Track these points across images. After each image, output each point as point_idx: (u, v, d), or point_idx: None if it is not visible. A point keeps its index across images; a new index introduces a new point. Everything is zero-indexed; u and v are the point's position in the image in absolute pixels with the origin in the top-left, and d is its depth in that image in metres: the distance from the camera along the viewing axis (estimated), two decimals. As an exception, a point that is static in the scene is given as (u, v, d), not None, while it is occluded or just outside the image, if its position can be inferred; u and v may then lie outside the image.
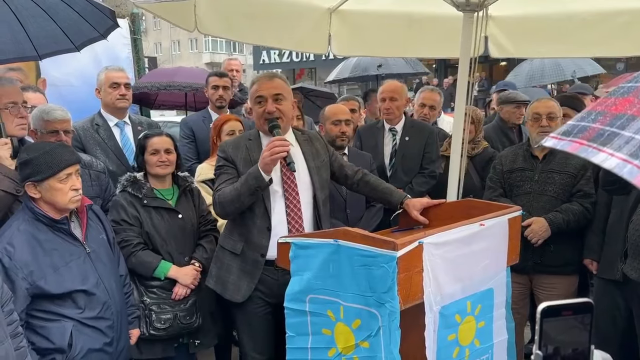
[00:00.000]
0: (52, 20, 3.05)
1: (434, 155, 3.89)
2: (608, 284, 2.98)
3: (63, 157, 2.34)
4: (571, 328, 1.05)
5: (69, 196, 2.34)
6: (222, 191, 2.52)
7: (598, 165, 0.96)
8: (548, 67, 7.46)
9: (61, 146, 2.44)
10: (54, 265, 2.30)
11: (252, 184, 2.43)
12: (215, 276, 2.72)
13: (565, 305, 1.04)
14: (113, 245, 2.65)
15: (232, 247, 2.65)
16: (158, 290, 2.84)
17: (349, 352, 2.07)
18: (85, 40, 3.25)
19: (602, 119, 1.02)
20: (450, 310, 2.09)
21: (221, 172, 2.62)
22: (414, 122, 4.14)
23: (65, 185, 2.33)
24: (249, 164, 2.57)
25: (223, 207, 2.53)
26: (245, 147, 2.65)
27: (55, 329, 2.31)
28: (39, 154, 2.31)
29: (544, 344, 1.04)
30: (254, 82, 2.71)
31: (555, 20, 3.78)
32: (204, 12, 3.36)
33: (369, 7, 4.06)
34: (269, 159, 2.38)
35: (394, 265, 1.88)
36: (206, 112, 4.19)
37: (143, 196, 2.87)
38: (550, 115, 3.23)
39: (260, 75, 2.79)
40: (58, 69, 4.79)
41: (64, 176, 2.33)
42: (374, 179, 2.82)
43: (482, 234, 2.21)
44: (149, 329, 2.77)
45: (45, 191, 2.32)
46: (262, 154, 2.41)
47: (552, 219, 3.11)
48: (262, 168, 2.40)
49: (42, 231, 2.33)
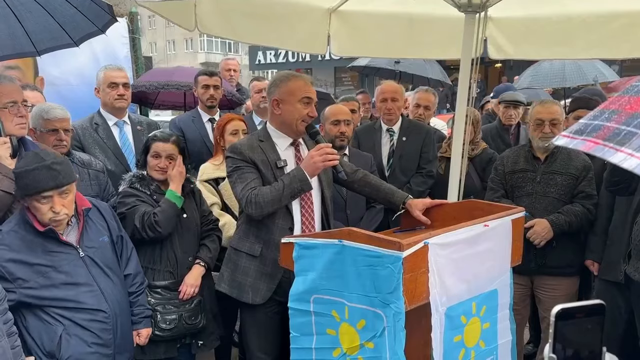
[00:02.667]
0: (49, 15, 3.03)
1: (431, 155, 3.92)
2: (609, 286, 2.99)
3: (40, 182, 2.23)
4: (584, 330, 1.05)
5: (47, 216, 2.29)
6: (261, 191, 2.48)
7: (616, 165, 0.94)
8: (569, 70, 7.29)
9: (45, 168, 2.25)
10: (43, 270, 2.28)
11: (297, 186, 2.44)
12: (229, 280, 2.68)
13: (579, 307, 1.04)
14: (118, 246, 2.60)
15: (250, 249, 2.62)
16: (163, 290, 2.82)
17: (354, 353, 2.07)
18: (84, 35, 3.22)
19: (617, 118, 1.01)
20: (456, 312, 2.09)
21: (243, 172, 2.55)
22: (411, 122, 4.16)
23: (44, 206, 2.28)
24: (267, 165, 2.56)
25: (261, 207, 2.47)
26: (260, 148, 2.61)
27: (45, 333, 2.29)
28: (22, 171, 2.25)
29: (558, 347, 1.03)
30: (292, 77, 2.63)
31: (555, 22, 3.78)
32: (204, 12, 3.35)
33: (369, 7, 4.05)
34: (321, 164, 2.43)
35: (399, 265, 1.87)
36: (196, 112, 4.14)
37: (152, 192, 2.86)
38: (553, 121, 3.22)
39: (297, 74, 2.72)
40: (56, 67, 4.77)
41: (41, 198, 2.27)
42: (374, 179, 2.81)
43: (487, 235, 2.20)
44: (154, 329, 2.75)
45: (29, 206, 2.31)
46: (313, 158, 2.44)
47: (555, 220, 3.11)
48: (310, 172, 2.43)
49: (34, 234, 2.31)
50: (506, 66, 19.23)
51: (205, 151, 3.82)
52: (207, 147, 3.87)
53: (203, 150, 3.85)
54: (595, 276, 3.19)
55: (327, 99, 5.69)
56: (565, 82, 7.35)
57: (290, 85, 2.59)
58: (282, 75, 2.69)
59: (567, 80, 7.31)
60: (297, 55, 23.72)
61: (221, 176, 3.28)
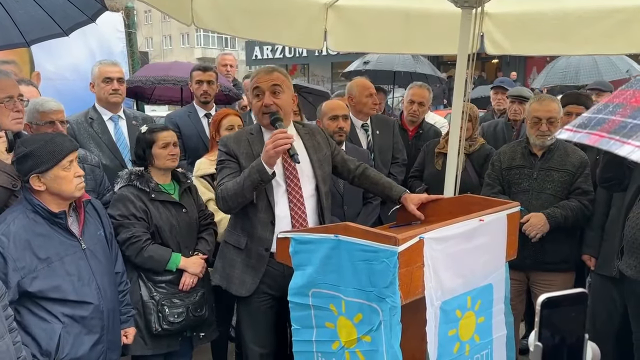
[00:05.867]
0: (37, 5, 2.98)
1: (400, 145, 4.10)
2: (605, 280, 3.01)
3: (64, 144, 2.32)
4: (568, 318, 1.08)
5: (74, 183, 2.33)
6: (225, 186, 2.51)
7: (624, 157, 0.94)
8: (601, 64, 7.27)
9: (59, 135, 2.44)
10: (48, 259, 2.27)
11: (256, 177, 2.41)
12: (220, 271, 2.72)
13: (564, 296, 1.07)
14: (110, 242, 2.62)
15: (236, 241, 2.65)
16: (167, 285, 2.84)
17: (352, 346, 2.08)
18: (74, 24, 3.17)
19: (622, 111, 1.01)
20: (451, 306, 2.10)
21: (223, 167, 2.61)
22: (378, 116, 4.32)
23: (70, 173, 2.32)
24: (251, 158, 2.54)
25: (226, 202, 2.51)
26: (247, 141, 2.63)
27: (43, 331, 2.27)
28: (40, 145, 2.28)
29: (543, 336, 1.06)
30: (253, 75, 2.69)
31: (551, 18, 3.78)
32: (200, 6, 3.34)
33: (366, 2, 4.05)
34: (272, 152, 2.36)
35: (395, 260, 1.88)
36: (192, 107, 4.13)
37: (151, 190, 2.86)
38: (550, 119, 3.21)
39: (260, 68, 2.76)
40: (52, 62, 4.75)
41: (67, 164, 2.31)
42: (374, 173, 2.81)
43: (482, 230, 2.21)
44: (163, 324, 2.77)
45: (51, 182, 2.29)
46: (265, 147, 2.39)
47: (551, 213, 3.12)
48: (265, 161, 2.39)
49: (39, 224, 2.30)
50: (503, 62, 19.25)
51: (201, 147, 3.82)
52: (203, 143, 3.87)
53: (199, 146, 3.85)
54: (591, 271, 3.21)
55: (324, 97, 5.66)
56: (600, 75, 7.24)
57: (247, 82, 2.63)
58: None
59: (602, 74, 7.21)
60: (294, 50, 23.69)
61: (217, 171, 3.28)
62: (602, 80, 6.57)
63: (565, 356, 1.06)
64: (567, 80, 7.56)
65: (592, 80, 6.99)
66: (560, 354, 1.06)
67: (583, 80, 7.32)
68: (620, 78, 7.09)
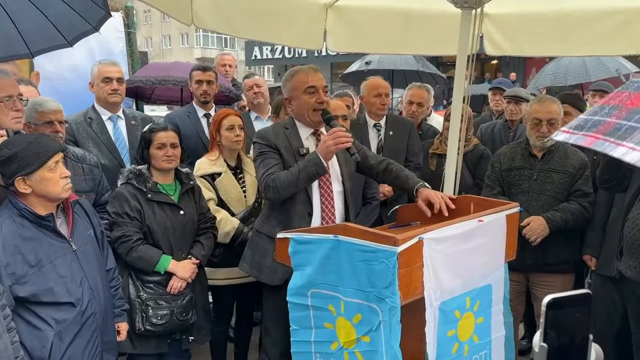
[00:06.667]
0: (42, 14, 2.97)
1: (417, 148, 4.02)
2: (605, 281, 3.01)
3: (49, 145, 2.27)
4: (573, 319, 1.09)
5: (61, 184, 2.28)
6: (277, 175, 2.58)
7: (618, 159, 0.94)
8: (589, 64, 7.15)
9: (43, 135, 2.41)
10: (39, 264, 2.22)
11: (312, 170, 2.51)
12: (250, 260, 2.79)
13: (568, 297, 1.08)
14: (101, 241, 2.58)
15: (269, 231, 2.69)
16: (155, 285, 2.82)
17: (351, 346, 2.09)
18: (78, 34, 3.16)
19: (618, 113, 1.01)
20: (450, 306, 2.10)
21: (266, 157, 2.67)
22: (395, 116, 4.31)
23: (56, 174, 2.26)
24: (289, 151, 2.66)
25: (277, 191, 2.57)
26: (285, 135, 2.71)
27: (35, 338, 2.21)
28: (24, 146, 2.22)
29: (549, 336, 1.06)
30: (295, 73, 2.76)
31: (551, 19, 3.78)
32: (200, 6, 3.33)
33: (366, 3, 4.05)
34: (333, 147, 2.49)
35: (394, 260, 1.89)
36: (191, 107, 4.13)
37: (148, 190, 2.85)
38: (550, 121, 3.20)
39: (301, 67, 2.83)
40: (52, 62, 4.75)
41: (53, 164, 2.26)
42: (396, 167, 2.84)
43: (481, 230, 2.21)
44: (145, 324, 2.76)
45: (37, 184, 2.23)
46: (325, 142, 2.51)
47: (551, 217, 3.11)
48: (323, 156, 2.50)
49: (27, 227, 2.24)
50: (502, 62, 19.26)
51: (200, 147, 3.81)
52: (202, 143, 3.86)
53: (199, 146, 3.84)
54: (591, 272, 3.21)
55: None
56: (589, 76, 7.21)
57: (293, 81, 2.73)
58: (287, 74, 2.85)
59: (590, 74, 7.19)
60: (293, 50, 23.69)
61: (217, 171, 3.28)
62: (590, 80, 6.61)
63: (569, 357, 1.07)
64: (556, 82, 7.56)
65: (579, 81, 7.05)
66: (565, 355, 1.07)
67: (571, 80, 7.34)
68: (609, 77, 7.08)
